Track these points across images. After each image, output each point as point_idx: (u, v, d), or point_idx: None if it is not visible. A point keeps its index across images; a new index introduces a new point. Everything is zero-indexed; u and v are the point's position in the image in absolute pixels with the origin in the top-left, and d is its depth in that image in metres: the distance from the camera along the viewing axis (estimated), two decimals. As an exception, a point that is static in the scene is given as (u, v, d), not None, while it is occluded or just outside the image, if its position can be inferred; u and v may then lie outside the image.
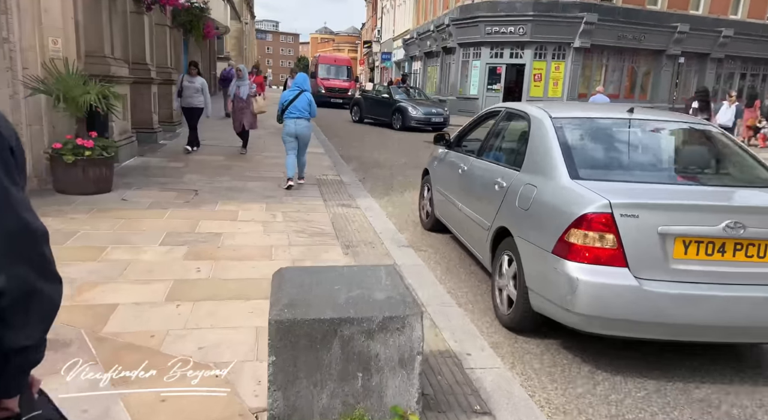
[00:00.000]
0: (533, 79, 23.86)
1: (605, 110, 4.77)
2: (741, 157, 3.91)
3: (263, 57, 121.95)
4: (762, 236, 3.04)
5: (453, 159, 5.42)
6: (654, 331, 3.11)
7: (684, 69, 26.59)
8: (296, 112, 7.30)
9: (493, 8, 23.79)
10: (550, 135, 3.79)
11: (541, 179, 3.65)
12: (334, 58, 31.64)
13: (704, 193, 3.47)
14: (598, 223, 3.06)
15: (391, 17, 44.64)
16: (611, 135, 4.01)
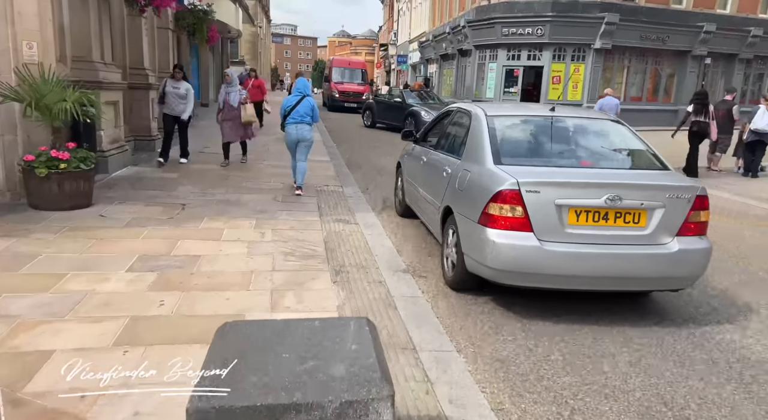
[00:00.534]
0: (552, 82, 23.11)
1: (532, 109, 5.88)
2: (636, 146, 4.75)
3: (281, 60, 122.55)
4: (635, 206, 3.89)
5: (418, 152, 6.28)
6: (553, 281, 3.94)
7: (711, 70, 25.58)
8: (298, 117, 7.26)
9: (510, 9, 23.11)
10: (483, 129, 4.60)
11: (474, 165, 4.46)
12: (348, 61, 30.84)
13: (594, 173, 4.23)
14: (509, 198, 3.86)
15: (407, 20, 44.12)
16: (532, 129, 4.87)
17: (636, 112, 24.36)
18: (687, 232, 4.01)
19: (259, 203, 6.83)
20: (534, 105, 9.18)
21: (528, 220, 3.85)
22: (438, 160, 5.39)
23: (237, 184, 7.97)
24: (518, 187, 3.86)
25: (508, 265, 3.89)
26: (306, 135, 7.33)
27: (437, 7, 33.47)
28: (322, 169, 9.82)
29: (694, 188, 4.05)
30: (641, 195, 3.94)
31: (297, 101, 7.26)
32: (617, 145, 4.87)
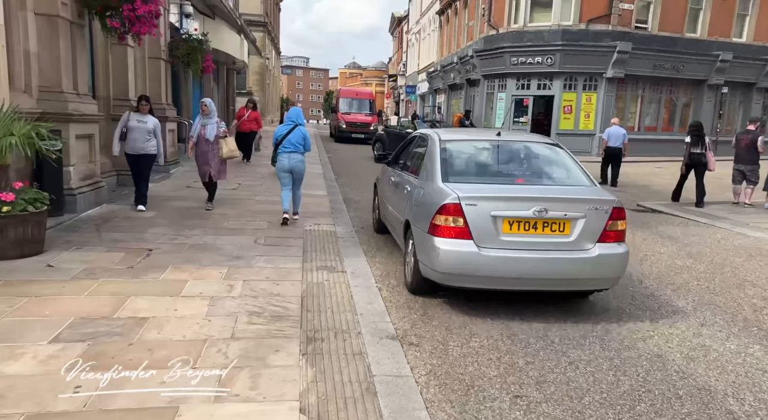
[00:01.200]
0: (563, 111, 22.46)
1: (481, 134, 7.08)
2: (568, 166, 5.28)
3: (293, 91, 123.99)
4: (559, 217, 4.42)
5: (389, 173, 6.88)
6: (491, 282, 4.47)
7: (728, 99, 24.81)
8: (290, 147, 7.27)
9: (519, 38, 22.67)
10: (436, 152, 5.22)
11: (426, 183, 5.06)
12: (355, 91, 30.31)
13: (524, 189, 4.81)
14: (451, 210, 4.42)
15: (416, 51, 44.13)
16: (479, 151, 5.60)
17: (651, 142, 23.65)
18: (607, 239, 4.55)
19: (237, 247, 6.10)
20: (485, 131, 10.11)
21: (468, 229, 4.41)
22: (402, 180, 6.02)
23: (218, 223, 7.27)
24: (459, 201, 4.44)
25: (453, 269, 4.47)
26: (299, 165, 7.35)
27: (445, 38, 33.28)
28: (316, 204, 9.12)
29: (611, 201, 4.63)
30: (564, 207, 4.48)
31: (289, 130, 7.25)
32: (551, 165, 5.42)
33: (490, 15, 24.18)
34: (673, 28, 23.15)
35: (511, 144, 5.69)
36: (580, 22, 21.87)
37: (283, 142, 7.22)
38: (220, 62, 23.76)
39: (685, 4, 23.18)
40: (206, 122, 7.73)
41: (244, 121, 12.82)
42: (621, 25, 22.01)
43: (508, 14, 23.32)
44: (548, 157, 5.51)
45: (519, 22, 22.96)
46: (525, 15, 22.69)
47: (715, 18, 23.79)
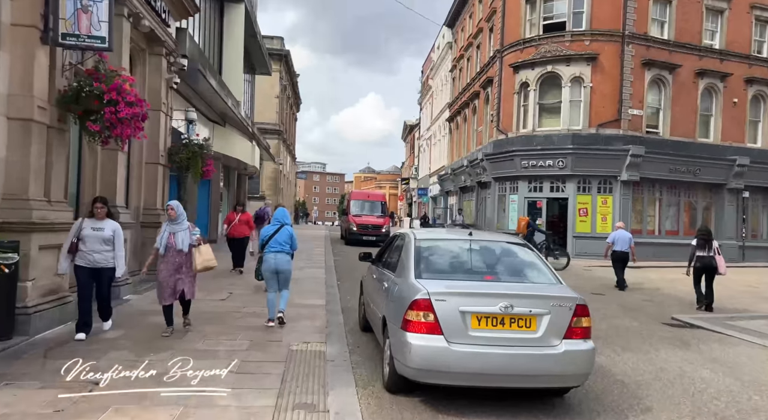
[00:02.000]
0: (578, 214, 21.80)
1: (455, 234, 6.94)
2: (535, 264, 5.63)
3: (310, 195, 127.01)
4: (525, 313, 4.65)
5: (373, 271, 7.03)
6: (461, 378, 4.60)
7: (750, 203, 24.07)
8: (276, 246, 7.26)
9: (529, 142, 22.68)
10: (411, 250, 5.59)
11: (401, 279, 5.37)
12: (366, 193, 30.12)
13: (492, 285, 5.13)
14: (422, 305, 4.66)
15: (427, 156, 45.01)
16: (451, 250, 5.85)
17: (672, 246, 22.64)
18: (572, 335, 4.65)
19: (204, 378, 5.10)
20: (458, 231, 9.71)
21: (438, 324, 4.54)
22: (382, 277, 6.20)
23: (190, 344, 6.32)
24: (429, 296, 4.62)
25: (424, 365, 4.52)
26: (285, 265, 7.30)
27: (455, 143, 33.85)
28: (311, 316, 8.15)
29: (574, 298, 4.79)
30: (529, 303, 4.63)
31: (275, 230, 7.32)
32: (519, 263, 5.68)
33: (498, 120, 24.49)
34: (685, 133, 23.07)
35: (481, 243, 5.98)
36: (589, 126, 21.91)
37: (270, 242, 7.24)
38: (231, 168, 24.05)
39: (695, 110, 23.28)
40: (175, 229, 6.65)
41: (235, 226, 12.01)
42: (632, 129, 21.99)
43: (516, 120, 23.57)
44: (516, 256, 5.85)
45: (528, 127, 23.11)
46: (534, 120, 22.89)
47: (726, 124, 23.78)
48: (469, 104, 29.96)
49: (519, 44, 23.47)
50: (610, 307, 10.88)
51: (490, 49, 26.74)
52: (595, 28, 21.92)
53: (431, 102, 44.34)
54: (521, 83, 23.26)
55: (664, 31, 22.85)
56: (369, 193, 31.53)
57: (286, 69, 37.53)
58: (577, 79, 22.03)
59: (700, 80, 23.26)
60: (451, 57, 36.43)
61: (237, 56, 20.79)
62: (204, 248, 6.87)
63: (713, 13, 23.60)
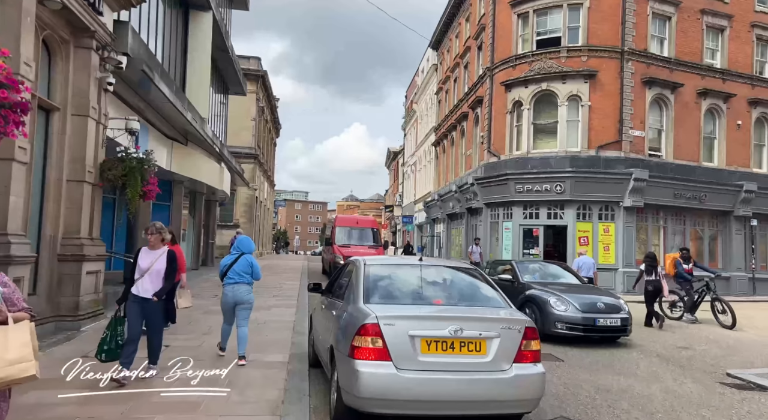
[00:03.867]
0: (579, 243, 19.85)
1: (404, 260, 7.57)
2: (484, 288, 5.60)
3: (291, 224, 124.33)
4: (474, 336, 4.54)
5: (323, 302, 6.68)
6: (411, 406, 4.42)
7: (758, 232, 22.43)
8: (235, 277, 6.86)
9: (523, 165, 20.88)
10: (361, 275, 5.43)
11: (350, 305, 5.16)
12: (355, 219, 24.99)
13: (442, 309, 5.09)
14: (370, 331, 4.47)
15: (411, 182, 43.20)
16: (401, 275, 5.79)
17: (680, 278, 20.75)
18: (523, 359, 4.61)
19: None
20: (408, 258, 10.16)
21: (387, 350, 4.42)
22: (331, 305, 5.90)
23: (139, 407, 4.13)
24: (377, 320, 4.50)
25: (372, 393, 4.35)
26: (244, 296, 6.85)
27: (442, 167, 32.04)
28: (262, 383, 5.91)
29: (523, 321, 4.80)
30: (479, 326, 4.60)
31: (234, 259, 6.94)
32: (469, 288, 5.69)
33: (489, 143, 22.71)
34: (689, 157, 21.51)
35: (431, 268, 6.00)
36: (588, 148, 20.21)
37: (228, 272, 6.85)
38: (197, 192, 21.86)
39: (698, 132, 21.79)
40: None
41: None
42: (633, 151, 20.34)
43: (509, 141, 21.83)
44: (466, 281, 5.82)
45: (522, 149, 21.35)
46: (528, 141, 21.15)
47: (731, 147, 22.31)
48: (457, 126, 28.26)
49: (511, 61, 21.91)
50: (649, 359, 8.78)
51: (479, 68, 25.20)
52: (593, 43, 20.45)
53: (416, 127, 42.80)
54: (514, 102, 21.59)
55: (664, 48, 21.50)
56: (358, 218, 25.75)
57: (264, 91, 35.70)
58: (574, 97, 20.44)
59: (703, 101, 21.84)
60: (436, 79, 34.99)
61: (203, 70, 18.85)
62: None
63: (713, 31, 22.38)
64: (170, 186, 18.17)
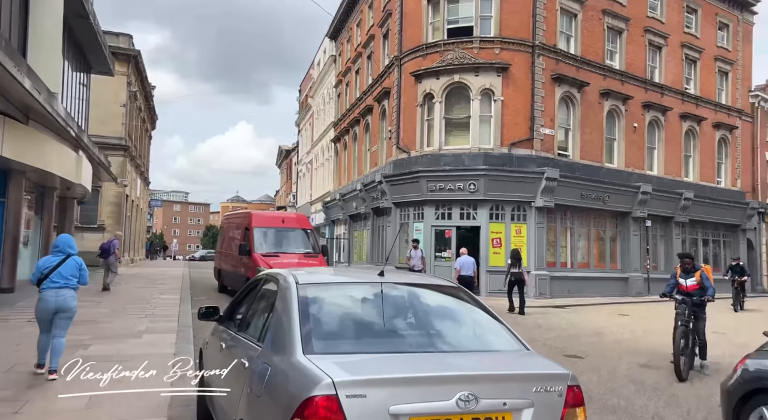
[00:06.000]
0: (492, 245, 18.79)
1: (358, 275, 4.76)
2: (484, 320, 3.63)
3: (169, 227, 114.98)
4: (497, 409, 2.74)
5: (221, 337, 4.34)
6: None
7: (651, 233, 23.00)
8: (61, 281, 6.03)
9: (436, 162, 19.42)
10: (292, 303, 3.29)
11: (276, 355, 3.05)
12: (280, 217, 16.86)
13: (437, 360, 3.08)
14: (322, 409, 2.52)
15: (307, 181, 40.64)
16: (358, 300, 3.64)
17: (585, 280, 20.63)
18: None
19: None
20: (360, 271, 6.84)
21: None
22: (236, 348, 3.78)
23: None
24: (335, 390, 2.53)
25: None
26: (69, 303, 6.06)
27: (343, 165, 29.92)
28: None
29: (563, 376, 2.95)
30: (503, 391, 2.79)
31: (61, 261, 6.14)
32: (461, 320, 3.72)
33: (398, 138, 21.02)
34: (594, 157, 21.46)
35: (401, 288, 3.80)
36: (501, 145, 19.24)
37: (51, 275, 6.02)
38: (46, 187, 17.72)
39: (602, 133, 21.85)
40: None
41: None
42: (544, 150, 19.73)
43: (420, 136, 20.27)
44: (453, 308, 3.81)
45: (434, 145, 19.89)
46: (440, 137, 19.74)
47: (629, 149, 22.71)
48: (361, 121, 26.30)
49: (421, 50, 20.39)
50: (617, 381, 7.33)
51: (384, 58, 23.48)
52: (505, 35, 19.55)
53: (312, 122, 40.31)
54: (425, 94, 20.08)
55: (571, 45, 21.24)
56: (284, 215, 18.44)
57: (137, 74, 31.18)
58: (487, 91, 19.37)
59: (605, 101, 21.94)
60: (335, 71, 32.84)
61: (53, 36, 15.08)
62: None
63: (613, 32, 22.62)
64: (5, 177, 14.24)
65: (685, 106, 24.82)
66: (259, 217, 16.12)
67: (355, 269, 8.33)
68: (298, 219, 16.91)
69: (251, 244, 14.46)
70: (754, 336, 7.69)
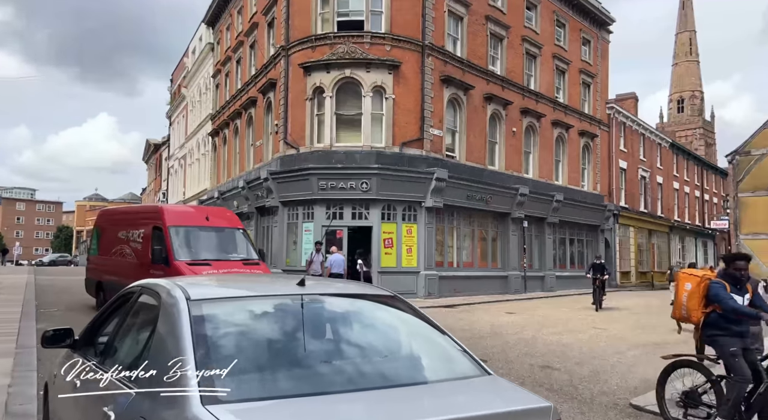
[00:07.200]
0: (383, 245, 18.41)
1: (270, 284, 3.66)
2: (427, 334, 2.92)
3: (10, 228, 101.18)
4: None
5: (77, 370, 2.83)
6: None
7: (527, 233, 24.23)
8: None
9: (327, 159, 18.60)
10: (182, 325, 2.37)
11: (160, 406, 2.11)
12: (202, 213, 12.83)
13: (389, 403, 2.30)
14: None
15: (180, 178, 37.54)
16: (273, 320, 2.78)
17: (469, 279, 21.15)
18: None
19: None
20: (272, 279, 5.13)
21: None
22: (98, 389, 2.56)
23: None
24: None
25: None
26: None
27: (223, 160, 27.87)
28: None
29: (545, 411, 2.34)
30: None
31: None
32: (407, 339, 2.98)
33: (286, 132, 19.84)
34: (478, 160, 22.05)
35: (328, 302, 3.00)
36: (393, 144, 18.95)
37: None
38: None
39: (485, 136, 22.53)
40: None
41: None
42: (434, 151, 19.81)
43: (310, 132, 19.30)
44: (394, 324, 3.04)
45: (324, 141, 19.04)
46: (331, 134, 18.94)
47: (509, 153, 23.69)
48: (243, 113, 24.59)
49: (310, 41, 19.44)
50: (527, 386, 7.10)
51: (270, 48, 22.14)
52: (395, 32, 19.29)
53: (186, 114, 37.31)
54: (315, 88, 19.16)
55: (457, 48, 21.60)
56: (207, 211, 13.93)
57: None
58: (378, 88, 18.96)
59: (488, 105, 22.66)
60: (213, 60, 30.61)
61: None
62: None
63: (495, 38, 23.45)
64: None
65: (556, 114, 26.54)
66: (174, 212, 12.37)
67: (264, 277, 7.02)
68: (226, 215, 13.19)
69: (169, 250, 10.66)
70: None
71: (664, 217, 38.04)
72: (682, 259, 39.26)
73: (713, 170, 50.68)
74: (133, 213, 14.55)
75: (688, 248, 42.86)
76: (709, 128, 75.15)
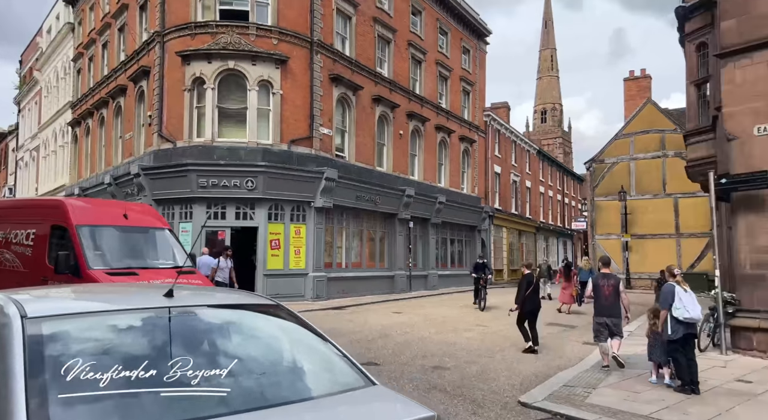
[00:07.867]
0: (270, 247, 17.62)
1: (130, 296, 3.09)
2: (309, 343, 2.80)
3: None
4: None
5: None
6: None
7: (412, 234, 24.71)
8: None
9: (208, 154, 17.36)
10: (13, 352, 2.01)
11: None
12: (119, 209, 9.83)
13: None
14: None
15: (32, 171, 33.17)
16: (132, 340, 2.41)
17: (357, 280, 21.08)
18: None
19: None
20: (133, 289, 4.26)
21: None
22: None
23: None
24: None
25: None
26: None
27: (86, 153, 25.00)
28: None
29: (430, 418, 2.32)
30: None
31: None
32: (293, 353, 2.77)
33: (161, 124, 18.22)
34: (366, 160, 22.00)
35: (200, 315, 2.69)
36: (281, 142, 18.21)
37: None
38: None
39: (373, 137, 22.56)
40: None
41: None
42: (323, 150, 19.39)
43: (189, 125, 17.89)
44: (276, 335, 2.85)
45: (205, 136, 17.76)
46: (213, 128, 17.71)
47: (396, 155, 23.96)
48: (110, 102, 22.21)
49: (189, 28, 18.05)
50: (420, 390, 7.01)
51: (143, 32, 20.24)
52: (283, 26, 18.58)
53: (39, 101, 33.02)
54: (194, 78, 17.81)
55: (346, 47, 21.38)
56: (125, 206, 10.66)
57: None
58: (265, 83, 18.11)
59: (377, 107, 22.73)
60: (74, 42, 27.40)
61: None
62: None
63: (383, 41, 23.61)
64: None
65: (439, 119, 27.41)
66: (81, 208, 9.53)
67: (129, 287, 5.43)
68: (148, 212, 10.83)
69: (80, 256, 8.32)
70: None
71: (531, 218, 41.10)
72: (546, 257, 42.69)
73: (572, 176, 55.87)
74: (14, 208, 11.41)
75: (551, 247, 46.76)
76: (567, 138, 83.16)
